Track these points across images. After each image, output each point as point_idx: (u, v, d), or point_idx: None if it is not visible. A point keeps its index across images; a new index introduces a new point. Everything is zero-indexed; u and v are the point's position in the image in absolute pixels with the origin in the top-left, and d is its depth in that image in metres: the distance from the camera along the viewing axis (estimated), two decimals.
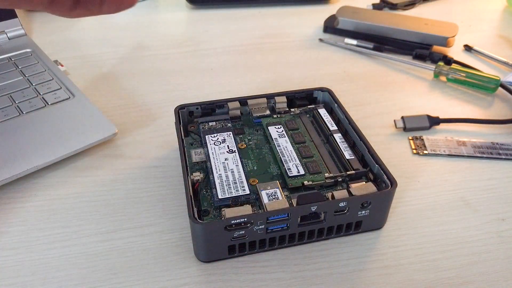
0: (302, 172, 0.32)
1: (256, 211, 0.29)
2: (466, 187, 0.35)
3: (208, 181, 0.32)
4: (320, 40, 0.58)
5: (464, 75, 0.48)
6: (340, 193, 0.29)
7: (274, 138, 0.35)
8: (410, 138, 0.40)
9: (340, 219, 0.29)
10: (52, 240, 0.30)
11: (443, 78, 0.50)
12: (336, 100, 0.38)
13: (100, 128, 0.38)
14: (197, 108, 0.37)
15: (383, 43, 0.56)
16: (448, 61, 0.52)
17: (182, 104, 0.37)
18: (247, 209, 0.27)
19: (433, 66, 0.50)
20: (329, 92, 0.39)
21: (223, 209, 0.28)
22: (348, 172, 0.32)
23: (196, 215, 0.27)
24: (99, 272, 0.28)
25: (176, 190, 0.34)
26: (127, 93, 0.47)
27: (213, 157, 0.33)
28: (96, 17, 0.65)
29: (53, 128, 0.38)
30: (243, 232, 0.27)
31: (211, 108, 0.38)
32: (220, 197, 0.29)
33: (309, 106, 0.39)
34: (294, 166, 0.32)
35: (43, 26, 0.61)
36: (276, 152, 0.34)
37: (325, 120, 0.37)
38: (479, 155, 0.38)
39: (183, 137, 0.34)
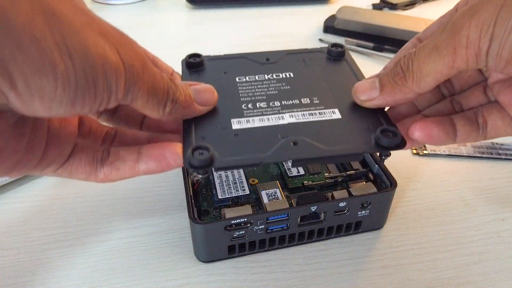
0: (302, 172, 0.32)
1: (256, 211, 0.29)
2: (466, 187, 0.35)
3: (208, 181, 0.32)
4: (320, 40, 0.58)
5: None
6: (340, 193, 0.29)
7: None
8: None
9: (340, 219, 0.29)
10: (52, 240, 0.30)
11: None
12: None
13: None
14: None
15: (383, 43, 0.56)
16: None
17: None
18: (247, 209, 0.27)
19: None
20: None
21: (223, 209, 0.28)
22: (348, 172, 0.32)
23: (196, 215, 0.27)
24: (99, 272, 0.28)
25: (176, 190, 0.34)
26: None
27: None
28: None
29: None
30: (243, 232, 0.27)
31: None
32: (220, 197, 0.29)
33: None
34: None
35: None
36: None
37: None
38: (479, 155, 0.38)
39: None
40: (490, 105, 0.26)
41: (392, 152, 0.27)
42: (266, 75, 0.31)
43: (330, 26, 0.60)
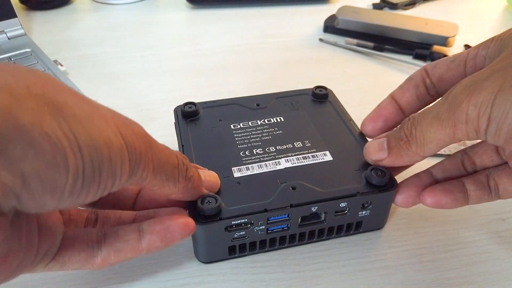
0: None
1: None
2: None
3: None
4: (320, 40, 0.58)
5: None
6: None
7: None
8: None
9: (341, 220, 0.29)
10: None
11: None
12: (336, 100, 0.38)
13: None
14: None
15: (383, 42, 0.56)
16: None
17: (182, 104, 0.37)
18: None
19: None
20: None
21: None
22: None
23: (196, 216, 0.27)
24: (99, 272, 0.28)
25: None
26: (127, 93, 0.47)
27: None
28: (95, 16, 0.65)
29: None
30: (243, 232, 0.27)
31: None
32: None
33: None
34: None
35: (42, 26, 0.61)
36: None
37: None
38: None
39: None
40: (500, 169, 0.26)
41: None
42: (258, 121, 0.34)
43: (330, 26, 0.60)
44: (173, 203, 0.27)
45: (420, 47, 0.54)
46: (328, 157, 0.30)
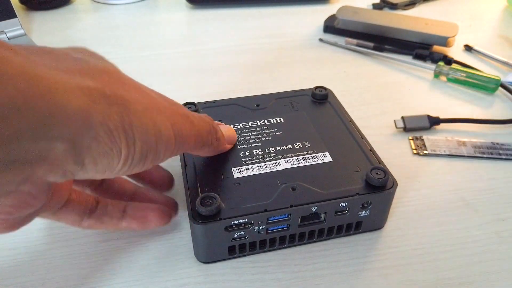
0: None
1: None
2: (466, 187, 0.35)
3: None
4: (320, 40, 0.58)
5: (464, 75, 0.48)
6: None
7: None
8: (410, 138, 0.40)
9: (341, 220, 0.29)
10: (52, 240, 0.30)
11: (443, 78, 0.50)
12: (336, 100, 0.38)
13: None
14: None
15: (383, 43, 0.56)
16: (449, 61, 0.52)
17: (182, 104, 0.37)
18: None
19: (433, 66, 0.50)
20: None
21: None
22: None
23: (196, 216, 0.27)
24: (99, 272, 0.28)
25: (176, 190, 0.34)
26: None
27: None
28: (95, 16, 0.65)
29: None
30: (243, 232, 0.27)
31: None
32: None
33: None
34: None
35: (42, 26, 0.61)
36: None
37: None
38: (479, 155, 0.38)
39: None
40: None
41: (393, 152, 0.27)
42: (258, 122, 0.34)
43: (330, 26, 0.60)
44: (164, 201, 0.31)
45: (420, 47, 0.54)
46: (327, 158, 0.30)
